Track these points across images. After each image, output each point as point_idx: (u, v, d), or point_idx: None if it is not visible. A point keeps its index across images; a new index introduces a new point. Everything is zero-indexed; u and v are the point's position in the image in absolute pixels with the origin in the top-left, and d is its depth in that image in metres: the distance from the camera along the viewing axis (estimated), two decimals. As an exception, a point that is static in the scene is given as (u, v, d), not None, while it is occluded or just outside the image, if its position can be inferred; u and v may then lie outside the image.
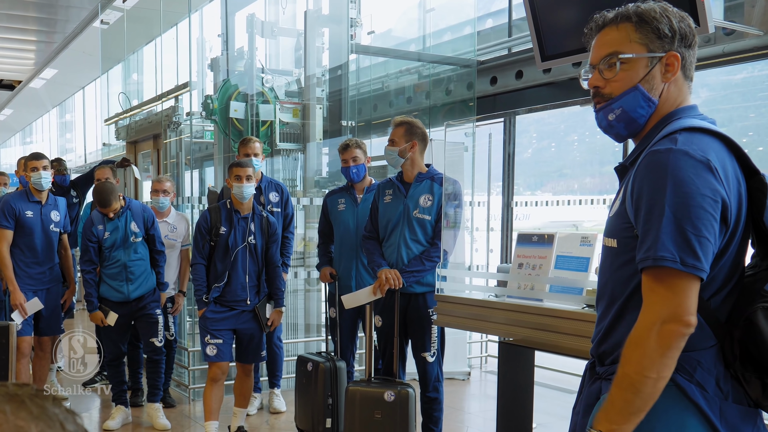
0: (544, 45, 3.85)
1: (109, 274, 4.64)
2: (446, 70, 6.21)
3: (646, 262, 1.47)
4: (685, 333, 1.45)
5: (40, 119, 19.64)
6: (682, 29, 1.60)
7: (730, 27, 3.86)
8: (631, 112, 1.63)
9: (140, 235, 4.68)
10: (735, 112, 5.86)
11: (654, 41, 1.60)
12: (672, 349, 1.45)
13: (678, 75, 1.62)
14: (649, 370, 1.45)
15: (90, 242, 4.61)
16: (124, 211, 4.67)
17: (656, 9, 1.61)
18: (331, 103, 6.38)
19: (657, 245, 1.45)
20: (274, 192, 4.93)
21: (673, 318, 1.45)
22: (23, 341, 4.68)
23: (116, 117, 8.63)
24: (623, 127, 1.66)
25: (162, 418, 4.81)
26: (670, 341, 1.45)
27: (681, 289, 1.45)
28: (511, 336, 3.20)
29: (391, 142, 3.94)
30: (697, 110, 1.64)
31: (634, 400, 1.47)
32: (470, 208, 5.25)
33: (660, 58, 1.60)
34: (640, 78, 1.61)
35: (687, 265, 1.44)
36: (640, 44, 1.61)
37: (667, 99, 1.63)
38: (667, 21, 1.59)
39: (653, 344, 1.45)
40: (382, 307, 3.99)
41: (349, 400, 3.81)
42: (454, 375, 6.12)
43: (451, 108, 6.05)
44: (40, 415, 0.64)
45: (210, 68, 6.78)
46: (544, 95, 5.58)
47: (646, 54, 1.60)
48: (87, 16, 9.44)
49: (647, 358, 1.45)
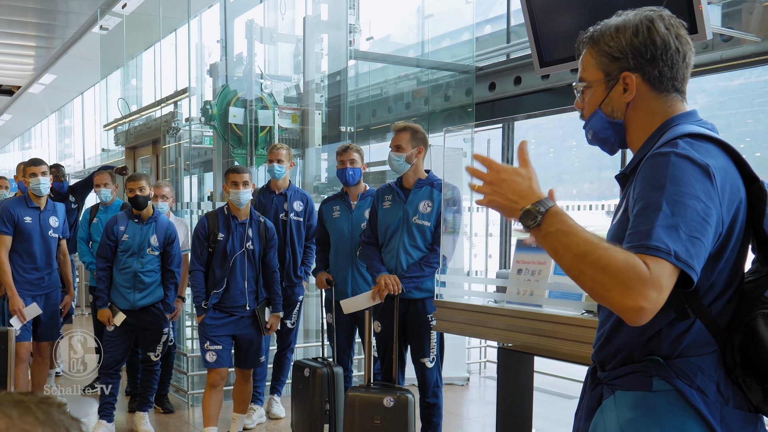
0: (543, 51, 3.86)
1: (119, 280, 4.62)
2: (445, 76, 6.22)
3: (639, 249, 1.41)
4: (645, 307, 1.36)
5: (39, 124, 19.66)
6: (635, 46, 1.58)
7: (727, 33, 3.87)
8: (600, 134, 1.69)
9: (157, 249, 4.65)
10: (732, 118, 5.87)
11: (609, 64, 1.62)
12: (623, 291, 1.37)
13: (647, 91, 1.61)
14: (588, 269, 1.40)
15: (108, 241, 4.60)
16: (150, 220, 4.66)
17: (611, 29, 1.61)
18: (330, 109, 6.39)
19: (652, 235, 1.42)
20: (299, 201, 4.94)
21: (651, 284, 1.36)
22: (22, 347, 4.67)
23: (115, 122, 8.64)
24: (600, 145, 1.73)
25: (146, 425, 4.77)
26: (629, 288, 1.36)
27: (668, 276, 1.39)
28: (510, 342, 3.20)
29: (397, 148, 3.92)
30: (697, 116, 1.64)
31: (565, 254, 1.44)
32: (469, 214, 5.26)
33: (617, 78, 1.61)
34: (599, 101, 1.65)
35: (680, 259, 1.41)
36: (597, 69, 1.64)
37: (645, 115, 1.62)
38: (617, 41, 1.59)
39: (617, 271, 1.37)
40: (381, 313, 3.99)
41: (349, 405, 3.80)
42: (454, 380, 6.12)
43: (450, 114, 6.07)
44: (46, 420, 0.64)
45: (209, 74, 6.79)
46: (542, 101, 5.60)
47: (603, 78, 1.63)
48: (86, 22, 9.46)
49: (600, 271, 1.38)
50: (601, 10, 1.82)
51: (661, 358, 1.55)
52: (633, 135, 1.66)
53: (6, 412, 0.63)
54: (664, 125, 1.61)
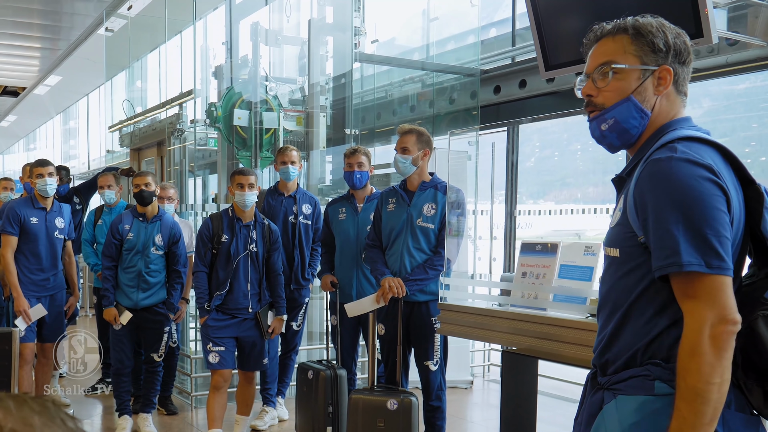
0: (548, 54, 3.87)
1: (123, 279, 4.61)
2: (450, 79, 6.22)
3: (671, 268, 1.47)
4: (734, 331, 1.45)
5: (44, 126, 19.70)
6: (677, 45, 1.62)
7: (733, 37, 3.87)
8: (624, 123, 1.64)
9: (161, 249, 4.65)
10: (738, 122, 5.86)
11: (648, 54, 1.62)
12: (727, 350, 1.45)
13: (670, 89, 1.64)
14: (711, 376, 1.44)
15: (114, 239, 4.60)
16: (155, 219, 4.66)
17: (653, 23, 1.63)
18: (335, 112, 6.39)
19: (680, 251, 1.46)
20: (308, 204, 4.93)
21: (720, 319, 1.44)
22: (26, 348, 4.67)
23: (120, 124, 8.66)
24: (615, 137, 1.67)
25: (149, 426, 4.77)
26: (724, 342, 1.44)
27: (715, 289, 1.46)
28: (514, 345, 3.20)
29: (404, 150, 3.91)
30: (692, 122, 1.66)
31: (705, 410, 1.44)
32: (473, 217, 5.26)
33: (653, 71, 1.62)
34: (632, 89, 1.63)
35: (713, 267, 1.45)
36: (634, 56, 1.63)
37: (660, 112, 1.65)
38: (662, 36, 1.61)
39: (708, 349, 1.44)
40: (385, 316, 3.98)
41: (352, 408, 3.80)
42: (457, 384, 6.11)
43: (455, 117, 6.07)
44: (42, 411, 0.67)
45: (214, 76, 6.80)
46: (547, 104, 5.60)
47: (640, 66, 1.62)
48: (92, 24, 9.49)
49: (707, 365, 1.44)
50: (607, 14, 1.82)
51: (663, 362, 1.55)
52: (646, 131, 1.67)
53: (3, 404, 0.66)
54: (662, 128, 1.63)
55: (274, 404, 5.01)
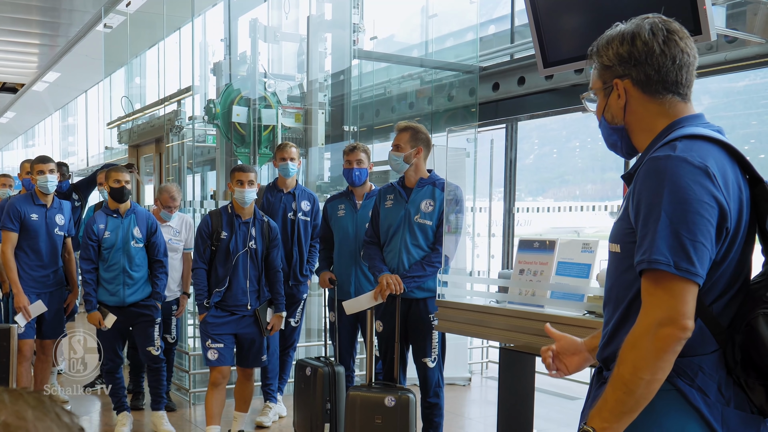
0: (547, 51, 3.86)
1: (107, 277, 4.57)
2: (448, 75, 6.22)
3: (642, 264, 1.50)
4: (681, 337, 1.47)
5: (43, 122, 19.69)
6: (621, 54, 1.64)
7: (732, 35, 3.87)
8: (607, 140, 1.77)
9: (141, 241, 4.62)
10: (737, 119, 5.87)
11: (604, 73, 1.69)
12: (667, 352, 1.47)
13: (638, 95, 1.64)
14: (642, 371, 1.47)
15: (90, 241, 4.55)
16: (129, 213, 4.64)
17: (604, 40, 1.68)
18: (334, 108, 6.39)
19: (652, 249, 1.48)
20: (307, 201, 4.94)
21: (670, 321, 1.46)
22: (25, 344, 4.68)
23: (119, 120, 8.65)
24: (615, 151, 1.78)
25: (166, 424, 4.76)
26: (666, 344, 1.46)
27: (677, 292, 1.47)
28: (512, 342, 3.20)
29: (396, 148, 3.93)
30: (704, 118, 1.65)
31: (626, 400, 1.49)
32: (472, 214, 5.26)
33: (611, 86, 1.68)
34: (602, 109, 1.72)
35: (681, 269, 1.46)
36: (597, 79, 1.72)
37: (642, 118, 1.66)
38: (607, 51, 1.66)
39: (649, 346, 1.47)
40: (383, 313, 3.99)
41: (350, 405, 3.81)
42: (455, 380, 6.12)
43: (453, 114, 6.06)
44: (37, 405, 0.68)
45: (213, 72, 6.79)
46: (546, 101, 5.59)
47: (602, 87, 1.70)
48: (90, 20, 9.48)
49: (642, 360, 1.47)
50: (605, 11, 1.83)
51: None
52: (637, 137, 1.69)
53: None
54: (670, 127, 1.63)
55: (276, 400, 5.02)
